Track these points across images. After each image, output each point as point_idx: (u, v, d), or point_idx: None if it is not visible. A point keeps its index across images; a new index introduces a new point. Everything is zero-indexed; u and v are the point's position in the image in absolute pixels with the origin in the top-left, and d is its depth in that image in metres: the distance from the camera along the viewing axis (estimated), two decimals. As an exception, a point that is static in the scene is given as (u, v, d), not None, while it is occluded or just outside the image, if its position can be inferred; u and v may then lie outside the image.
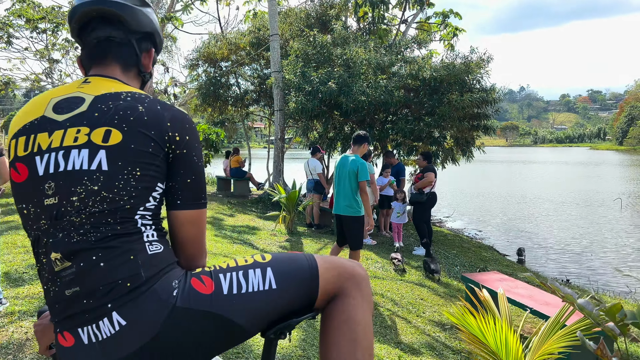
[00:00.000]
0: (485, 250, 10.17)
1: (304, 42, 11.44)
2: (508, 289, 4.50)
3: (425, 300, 5.37)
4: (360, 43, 11.29)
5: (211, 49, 15.23)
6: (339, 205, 5.20)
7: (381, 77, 10.10)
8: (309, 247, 7.53)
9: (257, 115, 20.59)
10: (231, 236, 7.59)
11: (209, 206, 10.36)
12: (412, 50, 13.03)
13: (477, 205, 18.98)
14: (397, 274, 6.43)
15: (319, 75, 10.10)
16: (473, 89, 10.54)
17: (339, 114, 10.80)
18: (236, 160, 13.74)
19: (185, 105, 20.04)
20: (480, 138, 12.23)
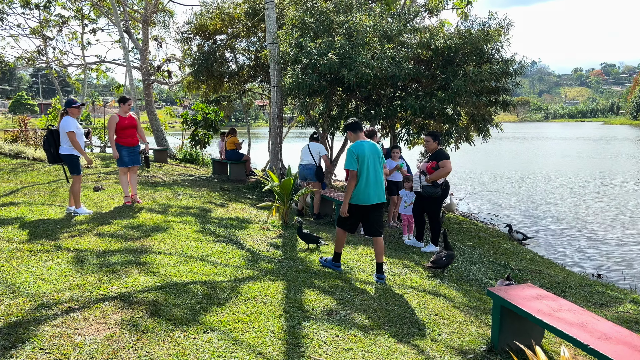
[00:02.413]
0: (504, 240, 9.14)
1: (301, 10, 10.25)
2: (550, 312, 3.47)
3: (441, 316, 4.37)
4: (365, 10, 10.09)
5: (203, 20, 14.03)
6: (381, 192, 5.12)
7: (388, 47, 8.94)
8: (304, 244, 6.52)
9: (256, 93, 19.44)
10: (215, 232, 6.59)
11: (197, 194, 9.36)
12: (422, 19, 11.80)
13: (489, 186, 17.86)
14: (425, 279, 5.43)
15: (316, 46, 8.95)
16: (492, 59, 9.38)
17: (342, 89, 9.68)
18: (232, 141, 12.68)
19: (180, 84, 18.95)
20: (497, 115, 11.07)
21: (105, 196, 8.43)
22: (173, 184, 10.38)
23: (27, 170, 10.51)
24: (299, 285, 4.67)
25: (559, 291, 5.98)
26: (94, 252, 5.16)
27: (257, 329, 3.61)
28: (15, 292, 3.86)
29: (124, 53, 17.52)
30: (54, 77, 27.06)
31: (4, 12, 22.19)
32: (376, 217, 5.22)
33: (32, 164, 11.38)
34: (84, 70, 25.08)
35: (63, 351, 3.00)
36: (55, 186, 8.89)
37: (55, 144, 6.95)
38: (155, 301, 3.89)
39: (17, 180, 9.33)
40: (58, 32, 23.55)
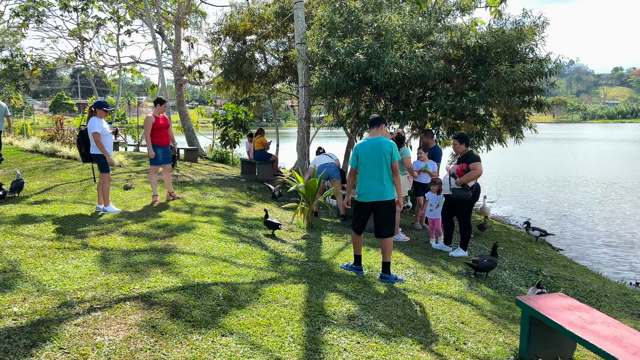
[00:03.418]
0: (536, 245, 8.84)
1: (330, 9, 10.17)
2: (583, 325, 3.30)
3: (467, 324, 4.22)
4: (395, 9, 9.93)
5: (233, 21, 14.11)
6: (385, 190, 5.07)
7: (417, 46, 8.77)
8: (328, 246, 6.45)
9: (284, 93, 19.47)
10: (240, 232, 6.59)
11: (224, 194, 9.41)
12: (454, 17, 11.54)
13: (522, 189, 17.39)
14: (461, 285, 5.29)
15: (344, 46, 8.86)
16: (525, 58, 9.08)
17: (370, 89, 9.56)
18: (260, 142, 12.69)
19: (211, 84, 19.14)
20: (531, 115, 10.72)
21: (135, 195, 8.55)
22: (201, 184, 10.46)
23: (62, 169, 10.78)
24: (321, 289, 4.60)
25: (593, 300, 5.73)
26: (119, 251, 5.21)
27: (277, 333, 3.55)
28: (40, 290, 3.92)
29: (157, 54, 17.80)
30: (91, 77, 27.77)
31: (44, 14, 22.83)
32: (381, 217, 5.16)
33: (66, 162, 11.66)
34: (119, 71, 25.64)
35: (82, 351, 3.00)
36: (87, 184, 9.07)
37: (85, 144, 7.09)
38: (175, 302, 3.88)
39: (51, 178, 9.56)
40: (95, 34, 24.14)
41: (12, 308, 3.53)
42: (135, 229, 6.18)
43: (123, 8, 22.08)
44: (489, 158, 14.22)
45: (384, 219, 5.15)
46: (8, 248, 5.00)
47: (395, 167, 5.06)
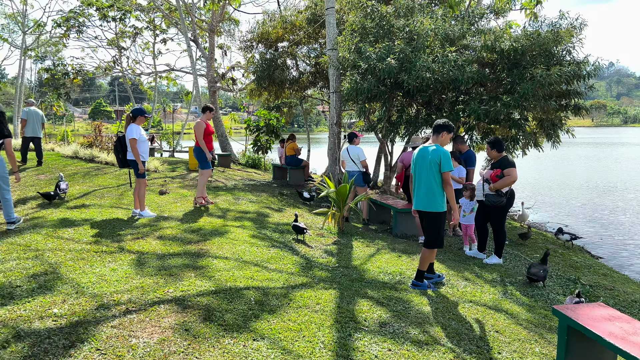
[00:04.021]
0: (574, 253, 8.57)
1: (361, 15, 10.17)
2: (624, 336, 3.17)
3: (502, 333, 4.12)
4: (427, 13, 9.86)
5: (265, 28, 14.28)
6: (419, 200, 5.03)
7: (450, 50, 8.67)
8: (359, 251, 6.42)
9: (316, 99, 19.54)
10: (271, 237, 6.63)
11: (256, 199, 9.50)
12: (487, 21, 11.38)
13: (560, 195, 16.92)
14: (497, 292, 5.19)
15: (376, 51, 8.84)
16: (562, 61, 8.86)
17: (401, 94, 9.51)
18: (291, 147, 12.79)
19: (244, 91, 19.39)
20: (568, 119, 10.44)
21: (170, 200, 8.72)
22: (234, 189, 10.59)
23: (100, 174, 11.10)
24: (352, 295, 4.58)
25: (635, 310, 5.50)
26: (154, 254, 5.32)
27: (307, 338, 3.55)
28: (79, 292, 4.04)
29: (192, 61, 18.16)
30: (128, 85, 28.58)
31: (84, 25, 23.64)
32: (426, 225, 5.12)
33: (104, 168, 12.00)
34: (155, 78, 26.31)
35: (118, 353, 3.08)
36: (124, 189, 9.31)
37: (123, 150, 7.29)
38: (208, 306, 3.94)
39: (89, 183, 9.86)
40: (132, 43, 24.84)
41: (52, 309, 3.65)
42: (169, 233, 6.30)
43: (159, 17, 22.67)
44: (524, 163, 13.92)
45: (426, 227, 5.12)
46: (49, 251, 5.17)
47: (445, 178, 4.85)
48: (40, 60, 29.81)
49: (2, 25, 29.72)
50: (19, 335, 3.22)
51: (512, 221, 11.02)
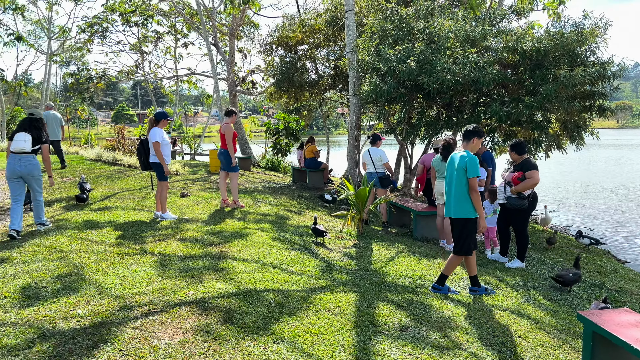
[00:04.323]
0: (600, 257, 8.40)
1: (381, 17, 10.15)
2: (653, 343, 3.09)
3: (524, 338, 4.06)
4: (447, 15, 9.79)
5: (285, 32, 14.36)
6: (449, 207, 5.01)
7: (470, 52, 8.59)
8: (379, 255, 6.39)
9: (335, 101, 19.55)
10: (291, 240, 6.65)
11: (275, 201, 9.53)
12: (509, 22, 11.24)
13: (584, 198, 16.59)
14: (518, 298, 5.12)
15: (395, 53, 8.81)
16: (586, 62, 8.69)
17: (421, 96, 9.45)
18: (311, 150, 12.81)
19: (264, 94, 19.50)
20: (593, 121, 10.23)
21: (191, 202, 8.81)
22: (254, 191, 10.65)
23: (122, 177, 11.27)
24: (371, 298, 4.56)
25: (664, 317, 5.36)
26: (175, 256, 5.38)
27: (327, 341, 3.54)
28: (102, 293, 4.10)
29: (212, 65, 18.35)
30: (150, 89, 28.96)
31: (108, 30, 24.06)
32: (455, 232, 5.06)
33: (127, 171, 12.19)
34: (177, 82, 26.62)
35: (140, 354, 3.11)
36: (146, 192, 9.43)
37: (145, 153, 7.39)
38: (229, 308, 3.96)
39: (112, 186, 10.02)
40: (154, 47, 25.19)
41: (76, 310, 3.72)
42: (191, 235, 6.36)
43: (180, 22, 22.95)
44: (547, 166, 13.69)
45: (455, 234, 5.06)
46: (73, 252, 5.27)
47: (471, 183, 4.78)
48: (65, 65, 30.39)
49: (29, 32, 30.44)
50: (44, 335, 3.28)
51: (535, 225, 10.85)
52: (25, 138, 6.07)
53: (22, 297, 3.93)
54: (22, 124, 6.25)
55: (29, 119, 6.29)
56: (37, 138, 6.19)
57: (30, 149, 6.11)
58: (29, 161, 6.13)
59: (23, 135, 6.08)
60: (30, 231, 6.23)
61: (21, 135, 6.09)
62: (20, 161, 6.08)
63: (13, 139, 6.10)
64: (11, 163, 6.10)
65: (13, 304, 3.78)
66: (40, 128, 6.29)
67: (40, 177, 6.31)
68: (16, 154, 6.08)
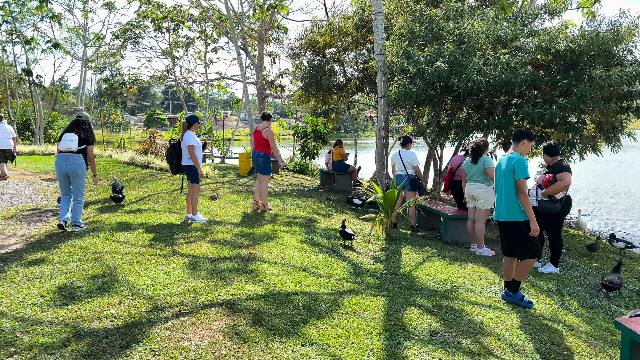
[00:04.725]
0: (638, 262, 8.11)
1: (409, 19, 10.08)
2: (696, 354, 2.97)
3: (559, 345, 3.95)
4: (478, 15, 9.65)
5: (313, 36, 14.41)
6: (499, 211, 4.91)
7: (502, 53, 8.45)
8: (408, 259, 6.33)
9: (363, 104, 19.50)
10: (319, 243, 6.65)
11: (304, 204, 9.56)
12: (542, 21, 11.01)
13: (621, 201, 16.07)
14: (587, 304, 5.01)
15: (424, 55, 8.73)
16: (623, 61, 8.44)
17: (451, 98, 9.33)
18: (338, 152, 12.80)
19: (292, 97, 19.60)
20: (630, 122, 9.92)
21: (220, 205, 8.91)
22: (282, 194, 10.71)
23: (154, 180, 11.49)
24: (401, 302, 4.52)
25: None
26: (205, 258, 5.44)
27: (356, 345, 3.52)
28: (134, 294, 4.18)
29: (241, 69, 18.55)
30: (181, 93, 29.49)
31: (140, 36, 24.61)
32: (512, 238, 4.87)
33: (158, 174, 12.42)
34: (207, 87, 27.00)
35: (171, 354, 3.16)
36: (177, 194, 9.59)
37: (177, 156, 7.50)
38: (258, 310, 3.98)
39: (144, 189, 10.23)
40: (184, 52, 25.63)
41: (109, 310, 3.80)
42: (220, 238, 6.43)
43: (210, 27, 23.29)
44: (582, 168, 13.36)
45: (511, 240, 4.89)
46: (107, 254, 5.40)
47: (519, 185, 4.66)
48: (100, 71, 31.24)
49: (65, 39, 31.40)
50: (79, 334, 3.36)
51: (569, 229, 10.57)
52: (72, 138, 6.43)
53: (58, 297, 4.04)
54: (70, 124, 6.66)
55: (77, 121, 6.68)
56: (83, 138, 6.55)
57: (77, 149, 6.46)
58: (75, 160, 6.47)
59: (70, 135, 6.45)
60: (66, 233, 6.40)
61: (68, 135, 6.46)
62: (67, 160, 6.45)
63: (61, 138, 6.50)
64: (59, 161, 6.51)
65: (50, 304, 3.89)
66: (86, 129, 6.66)
67: (84, 176, 6.59)
68: (63, 152, 6.47)
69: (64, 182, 6.57)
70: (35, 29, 25.25)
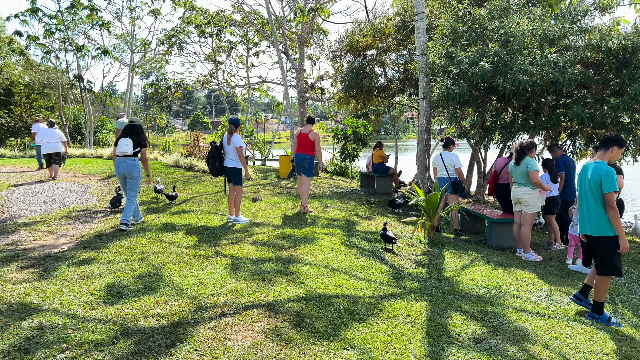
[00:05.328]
0: (698, 271, 7.67)
1: (452, 18, 9.91)
2: None
3: (611, 356, 3.77)
4: (524, 14, 9.39)
5: (355, 37, 14.38)
6: (583, 223, 4.64)
7: (549, 51, 8.18)
8: (451, 263, 6.21)
9: (404, 105, 19.29)
10: (359, 246, 6.61)
11: (344, 206, 9.54)
12: (591, 18, 10.59)
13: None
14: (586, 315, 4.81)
15: (468, 55, 8.56)
16: (680, 58, 8.01)
17: (496, 98, 9.11)
18: (378, 155, 12.72)
19: (332, 100, 19.63)
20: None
21: (262, 207, 9.01)
22: (322, 196, 10.72)
23: (198, 182, 11.74)
24: (444, 308, 4.43)
25: None
26: (248, 259, 5.51)
27: (398, 350, 3.47)
28: (179, 294, 4.27)
29: (282, 73, 18.73)
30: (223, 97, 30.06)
31: (184, 42, 25.22)
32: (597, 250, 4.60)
33: (202, 176, 12.68)
34: (248, 90, 27.40)
35: (214, 354, 3.20)
36: (220, 196, 9.76)
37: (220, 158, 7.60)
38: (299, 312, 3.99)
39: (189, 190, 10.46)
40: (227, 57, 26.10)
41: (155, 309, 3.89)
42: (262, 239, 6.49)
43: (252, 31, 23.63)
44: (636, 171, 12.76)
45: (597, 256, 4.61)
46: (153, 254, 5.54)
47: (608, 200, 4.35)
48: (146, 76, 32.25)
49: (114, 45, 32.58)
50: (126, 332, 3.46)
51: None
52: (127, 142, 6.90)
53: (107, 295, 4.17)
54: (124, 129, 7.10)
55: (130, 126, 7.14)
56: (137, 142, 7.02)
57: (132, 152, 6.94)
58: (131, 162, 6.99)
59: (125, 140, 6.91)
60: (114, 233, 6.62)
61: (124, 140, 6.92)
62: (124, 163, 6.97)
63: (117, 144, 6.97)
64: (117, 165, 7.02)
65: (99, 302, 4.03)
66: (139, 133, 7.11)
67: (139, 178, 7.10)
68: (120, 156, 6.96)
69: (125, 184, 7.12)
70: (86, 36, 26.26)
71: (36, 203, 8.79)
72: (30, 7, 21.74)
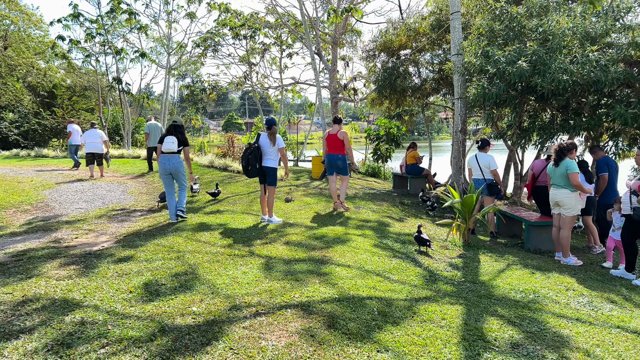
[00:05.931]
0: None
1: (489, 17, 9.73)
2: None
3: (658, 366, 3.62)
4: (564, 11, 9.13)
5: (388, 37, 14.29)
6: None
7: (590, 50, 7.94)
8: (487, 266, 6.09)
9: (438, 105, 19.05)
10: (392, 248, 6.56)
11: (376, 208, 9.49)
12: (635, 15, 10.22)
13: None
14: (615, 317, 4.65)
15: (505, 54, 8.39)
16: None
17: (534, 98, 8.89)
18: (412, 155, 12.59)
19: (365, 100, 19.56)
20: None
21: (295, 207, 9.05)
22: (355, 197, 10.69)
23: (232, 182, 11.89)
24: (480, 312, 4.34)
25: None
26: (281, 259, 5.54)
27: (433, 354, 3.43)
28: (214, 293, 4.33)
29: (315, 74, 18.78)
30: (257, 98, 30.38)
31: (219, 44, 25.60)
32: None
33: (236, 176, 12.84)
34: (282, 92, 27.60)
35: (249, 353, 3.23)
36: (254, 197, 9.86)
37: (259, 158, 7.56)
38: (332, 313, 3.99)
39: (223, 191, 10.60)
40: (261, 59, 26.36)
41: (191, 307, 3.96)
42: (295, 239, 6.53)
43: (285, 33, 23.79)
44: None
45: None
46: (189, 253, 5.64)
47: None
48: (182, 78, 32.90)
49: (151, 48, 33.38)
50: (163, 329, 3.53)
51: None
52: (173, 140, 7.28)
53: (145, 293, 4.27)
54: (168, 128, 7.47)
55: (174, 125, 7.50)
56: (180, 140, 7.40)
57: (177, 149, 7.31)
58: (176, 159, 7.37)
59: (171, 138, 7.29)
60: (151, 232, 6.77)
61: (169, 138, 7.30)
62: (169, 160, 7.32)
63: (163, 141, 7.31)
64: (162, 162, 7.34)
65: (137, 299, 4.13)
66: (182, 132, 7.47)
67: (185, 172, 7.53)
68: (166, 154, 7.30)
69: (168, 180, 7.44)
70: (124, 40, 27.01)
71: (77, 202, 9.08)
72: (72, 12, 22.48)
